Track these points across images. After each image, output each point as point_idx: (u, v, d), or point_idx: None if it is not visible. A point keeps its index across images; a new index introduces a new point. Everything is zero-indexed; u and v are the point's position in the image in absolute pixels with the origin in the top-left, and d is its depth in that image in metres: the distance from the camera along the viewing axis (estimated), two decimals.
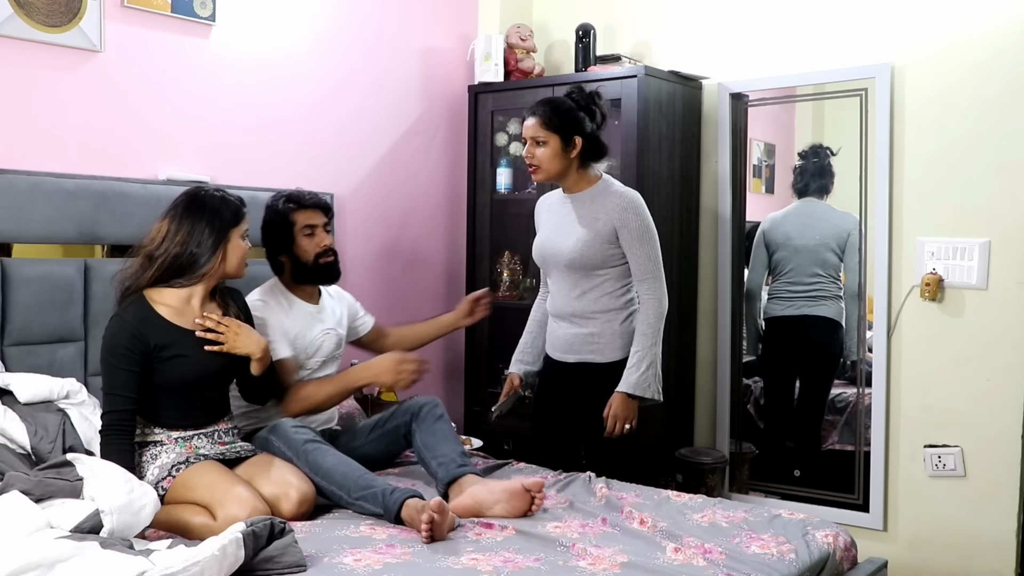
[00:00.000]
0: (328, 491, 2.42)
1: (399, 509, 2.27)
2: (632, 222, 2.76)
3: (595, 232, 2.77)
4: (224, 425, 2.53)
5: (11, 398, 2.43)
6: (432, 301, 4.02)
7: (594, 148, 2.83)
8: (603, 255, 2.79)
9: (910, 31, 3.29)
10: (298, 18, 3.45)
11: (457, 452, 2.55)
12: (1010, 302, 3.13)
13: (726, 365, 3.71)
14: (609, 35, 3.93)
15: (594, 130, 2.82)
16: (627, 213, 2.76)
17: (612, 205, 2.78)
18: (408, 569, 1.99)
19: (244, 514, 2.18)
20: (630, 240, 2.77)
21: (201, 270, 2.43)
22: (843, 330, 3.53)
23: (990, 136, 3.15)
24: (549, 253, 2.88)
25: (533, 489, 2.36)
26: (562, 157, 2.78)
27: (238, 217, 2.48)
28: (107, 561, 1.79)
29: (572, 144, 2.78)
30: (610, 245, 2.79)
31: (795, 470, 3.62)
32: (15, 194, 2.62)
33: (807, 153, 3.61)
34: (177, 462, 2.38)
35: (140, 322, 2.37)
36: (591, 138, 2.81)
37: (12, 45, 2.70)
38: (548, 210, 2.96)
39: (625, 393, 2.76)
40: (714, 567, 2.04)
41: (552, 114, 2.76)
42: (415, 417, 2.66)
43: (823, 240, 3.57)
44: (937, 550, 3.28)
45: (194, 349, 2.42)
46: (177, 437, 2.42)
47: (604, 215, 2.78)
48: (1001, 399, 3.14)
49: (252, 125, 3.31)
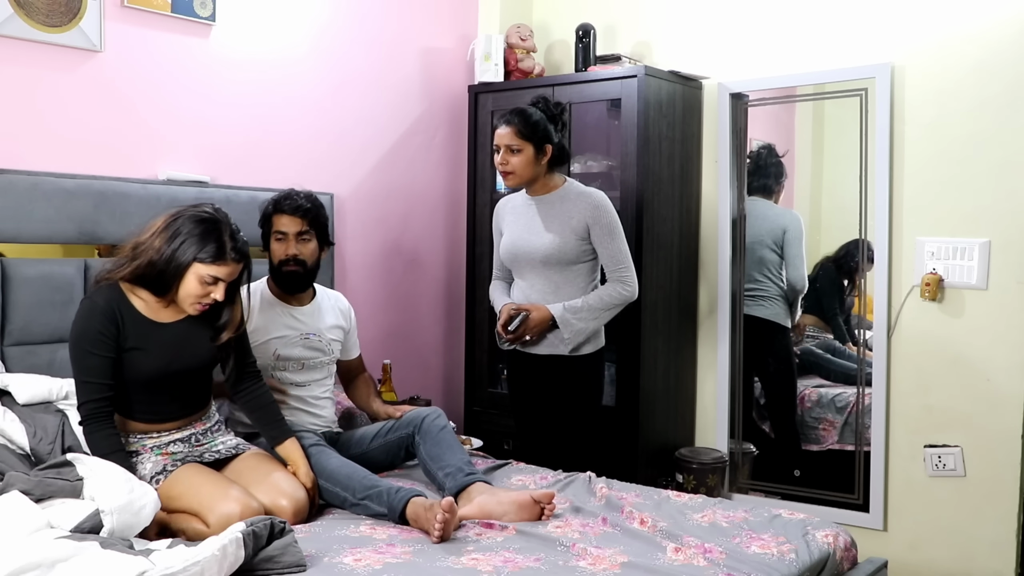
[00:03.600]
0: (333, 493, 2.42)
1: (403, 508, 2.27)
2: (603, 219, 2.92)
3: (569, 228, 2.92)
4: (200, 426, 2.46)
5: (10, 399, 2.42)
6: (432, 301, 4.02)
7: (561, 154, 3.01)
8: (577, 251, 2.93)
9: (910, 31, 3.29)
10: (298, 18, 3.45)
11: (463, 461, 2.56)
12: (1010, 302, 3.13)
13: (726, 365, 3.71)
14: (609, 35, 3.93)
15: (560, 139, 2.99)
16: (598, 211, 2.92)
17: (583, 204, 2.93)
18: (408, 569, 1.99)
19: (236, 512, 2.16)
20: (601, 235, 2.92)
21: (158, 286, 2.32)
22: (786, 331, 3.56)
23: (990, 136, 3.15)
24: (523, 252, 2.98)
25: (543, 501, 2.36)
26: (535, 164, 2.93)
27: (216, 257, 2.27)
28: (107, 561, 1.79)
29: (544, 152, 2.93)
30: (583, 241, 2.93)
31: (795, 470, 3.62)
32: (15, 194, 2.62)
33: (752, 154, 3.65)
34: (155, 472, 2.32)
35: (112, 305, 2.29)
36: (559, 146, 2.98)
37: (12, 45, 2.70)
38: (512, 212, 3.07)
39: (550, 314, 2.89)
40: (714, 567, 2.04)
41: (525, 124, 2.91)
42: (418, 430, 2.66)
43: (759, 238, 3.63)
44: (937, 550, 3.28)
45: (155, 346, 2.33)
46: (152, 445, 2.36)
47: (577, 213, 2.93)
48: (1001, 399, 3.14)
49: (252, 125, 3.31)
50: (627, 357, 3.52)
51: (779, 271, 3.57)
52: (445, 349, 4.07)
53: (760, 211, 3.65)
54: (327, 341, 2.88)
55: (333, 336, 2.91)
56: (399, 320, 3.88)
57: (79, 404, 2.29)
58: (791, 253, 3.51)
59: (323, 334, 2.87)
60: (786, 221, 3.53)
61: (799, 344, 3.63)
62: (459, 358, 4.06)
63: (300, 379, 2.81)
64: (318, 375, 2.86)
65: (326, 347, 2.87)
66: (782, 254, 3.56)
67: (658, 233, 3.57)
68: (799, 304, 3.55)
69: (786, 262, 3.54)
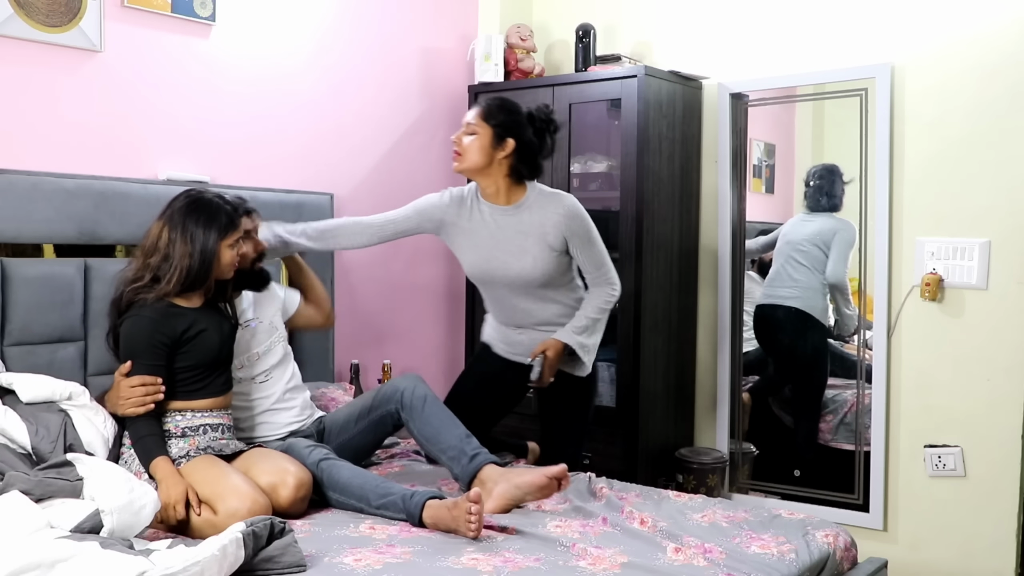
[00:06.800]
0: (348, 505, 2.42)
1: (421, 512, 2.28)
2: (580, 228, 2.75)
3: (546, 245, 2.74)
4: (228, 420, 2.56)
5: (12, 398, 2.42)
6: (433, 301, 4.02)
7: (527, 162, 2.75)
8: (562, 266, 2.79)
9: (910, 31, 3.29)
10: (298, 18, 3.45)
11: (459, 437, 2.54)
12: (1010, 302, 3.13)
13: (726, 365, 3.71)
14: (609, 35, 3.93)
15: (535, 146, 2.75)
16: (573, 222, 2.74)
17: (555, 216, 2.73)
18: (408, 569, 1.99)
19: (245, 508, 2.21)
20: (581, 244, 2.77)
21: (206, 282, 2.48)
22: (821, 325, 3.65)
23: (990, 136, 3.15)
24: (499, 275, 2.80)
25: (558, 475, 2.40)
26: (487, 153, 2.71)
27: (230, 225, 2.49)
28: (107, 561, 1.79)
29: (503, 144, 2.71)
30: (563, 254, 2.78)
31: (795, 470, 3.62)
32: (15, 194, 2.61)
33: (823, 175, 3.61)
34: (179, 456, 2.39)
35: (161, 315, 2.42)
36: (525, 148, 2.73)
37: (12, 45, 2.70)
38: (475, 221, 2.82)
39: (564, 344, 2.74)
40: (714, 567, 2.04)
41: (493, 108, 2.72)
42: (402, 405, 2.62)
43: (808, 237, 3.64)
44: (937, 550, 3.28)
45: (211, 322, 2.50)
46: (185, 426, 2.43)
47: (552, 227, 2.73)
48: (1001, 399, 3.14)
49: (252, 125, 3.31)
50: (627, 357, 3.53)
51: (822, 268, 3.57)
52: (445, 349, 4.07)
53: (819, 219, 3.61)
54: (268, 321, 2.80)
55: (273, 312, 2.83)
56: (399, 320, 3.87)
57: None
58: (836, 252, 3.51)
59: (261, 317, 2.79)
60: (841, 225, 3.51)
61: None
62: (459, 358, 4.05)
63: (261, 369, 2.74)
64: (274, 359, 2.77)
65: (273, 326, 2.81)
66: (827, 253, 3.55)
67: (658, 233, 3.57)
68: (839, 303, 3.56)
69: (829, 259, 3.54)
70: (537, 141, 2.76)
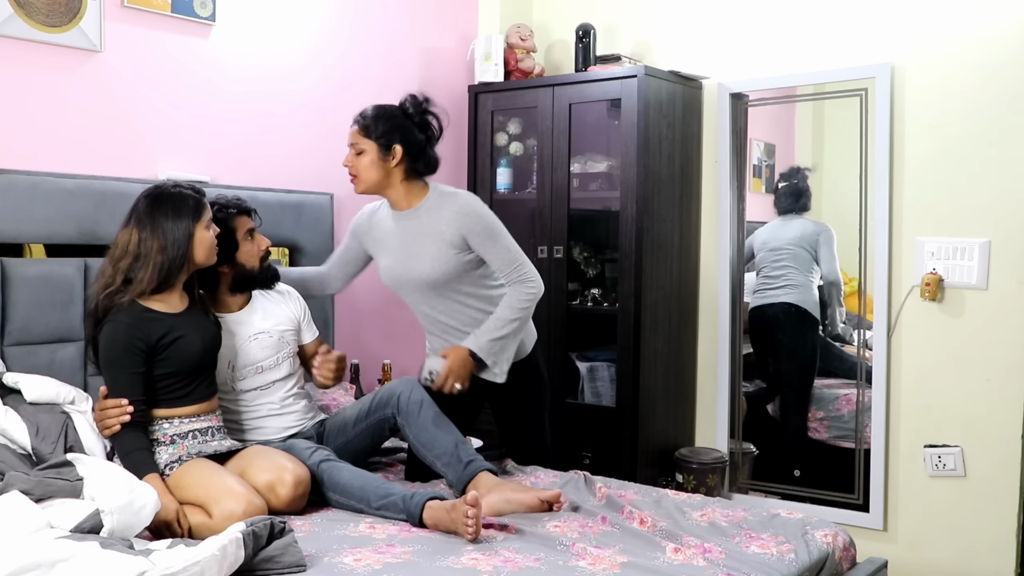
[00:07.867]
0: (348, 506, 2.42)
1: (421, 512, 2.28)
2: (476, 226, 2.67)
3: (444, 243, 2.67)
4: (216, 421, 2.52)
5: (13, 398, 2.42)
6: None
7: (420, 160, 2.69)
8: (462, 265, 2.71)
9: (910, 31, 3.29)
10: (298, 18, 3.45)
11: (454, 443, 2.54)
12: (1010, 302, 3.13)
13: (726, 365, 3.71)
14: (609, 35, 3.93)
15: (422, 141, 2.69)
16: (468, 219, 2.67)
17: (450, 214, 2.67)
18: (408, 569, 1.99)
19: (240, 509, 2.19)
20: (482, 243, 2.69)
21: (181, 273, 2.42)
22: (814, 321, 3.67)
23: (990, 136, 3.15)
24: (405, 279, 2.77)
25: (551, 499, 2.39)
26: (379, 167, 2.66)
27: (200, 208, 2.44)
28: (107, 561, 1.79)
29: (391, 153, 2.65)
30: (464, 252, 2.70)
31: (795, 470, 3.62)
32: (15, 194, 2.61)
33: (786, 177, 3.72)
34: (169, 461, 2.37)
35: (138, 320, 2.36)
36: (414, 147, 2.67)
37: (12, 45, 2.70)
38: (383, 232, 2.81)
39: (469, 351, 2.67)
40: (714, 567, 2.04)
41: (370, 121, 2.65)
42: (398, 410, 2.61)
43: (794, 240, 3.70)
44: (937, 550, 3.28)
45: (193, 330, 2.44)
46: (173, 433, 2.40)
47: (446, 226, 2.67)
48: (1001, 399, 3.14)
49: (252, 125, 3.31)
50: (627, 357, 3.53)
51: (813, 266, 3.60)
52: None
53: (797, 223, 3.67)
54: (278, 335, 2.74)
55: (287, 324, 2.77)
56: (399, 320, 3.87)
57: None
58: (827, 252, 3.58)
59: (272, 331, 2.72)
60: (820, 228, 3.60)
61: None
62: None
63: (264, 382, 2.70)
64: (278, 375, 2.73)
65: (283, 339, 2.75)
66: (816, 255, 3.59)
67: (658, 233, 3.57)
68: (834, 300, 3.58)
69: (821, 260, 3.58)
70: (423, 135, 2.71)
